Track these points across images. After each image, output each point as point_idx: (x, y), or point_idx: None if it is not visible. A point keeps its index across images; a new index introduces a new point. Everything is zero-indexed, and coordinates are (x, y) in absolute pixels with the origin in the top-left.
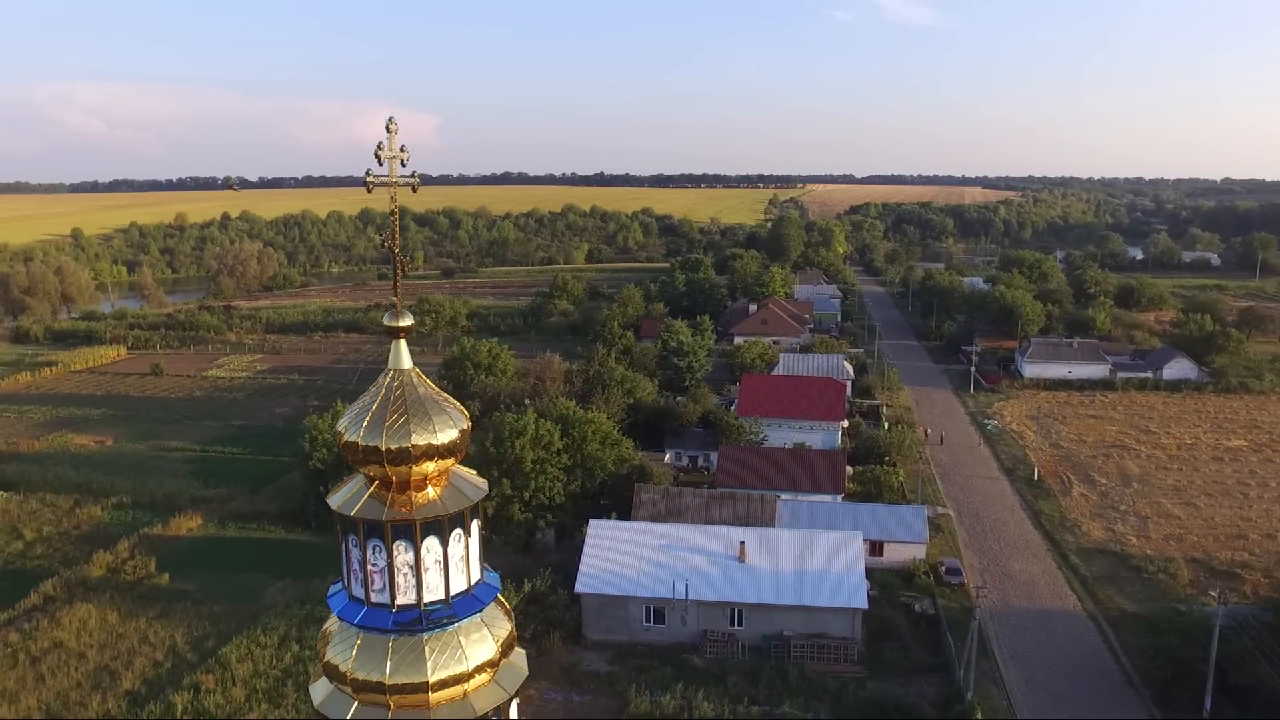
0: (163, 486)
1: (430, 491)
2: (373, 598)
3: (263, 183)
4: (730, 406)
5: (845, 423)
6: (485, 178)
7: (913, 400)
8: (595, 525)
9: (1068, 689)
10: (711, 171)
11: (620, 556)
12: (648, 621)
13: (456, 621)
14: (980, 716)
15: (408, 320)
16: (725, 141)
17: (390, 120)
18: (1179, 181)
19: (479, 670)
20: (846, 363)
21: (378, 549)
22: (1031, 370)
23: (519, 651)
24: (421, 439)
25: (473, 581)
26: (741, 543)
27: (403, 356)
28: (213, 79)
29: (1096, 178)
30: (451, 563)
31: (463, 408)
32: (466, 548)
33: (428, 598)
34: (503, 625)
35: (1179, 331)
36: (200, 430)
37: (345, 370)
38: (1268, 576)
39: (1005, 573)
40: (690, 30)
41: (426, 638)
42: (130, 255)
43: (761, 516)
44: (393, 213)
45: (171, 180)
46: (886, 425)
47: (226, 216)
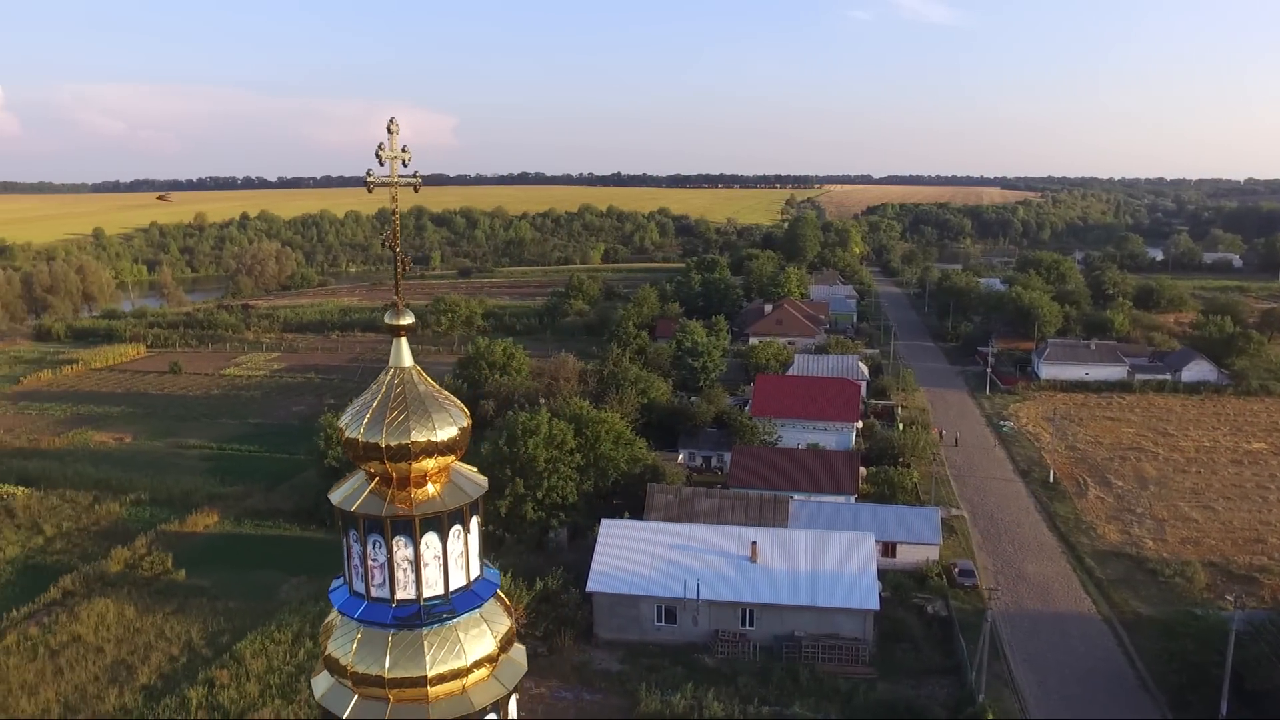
0: (180, 483)
1: (430, 488)
2: (373, 592)
3: (281, 182)
4: (744, 407)
5: (860, 423)
6: (502, 178)
7: (928, 401)
8: (607, 525)
9: (1081, 692)
10: (728, 172)
11: (632, 556)
12: (659, 621)
13: (455, 617)
14: (992, 719)
15: (408, 318)
16: (742, 142)
17: (391, 121)
18: (1201, 182)
19: (477, 665)
20: (861, 363)
21: (378, 544)
22: (1048, 372)
23: (519, 647)
24: (421, 436)
25: (472, 578)
26: (753, 543)
27: (403, 354)
28: (232, 79)
29: (1117, 178)
30: (451, 559)
31: (463, 405)
32: (466, 544)
33: (427, 593)
34: (502, 621)
35: (1199, 333)
36: (217, 428)
37: (362, 369)
38: None
39: (1019, 575)
40: (708, 30)
41: (425, 633)
42: (150, 254)
43: (774, 517)
44: (394, 212)
45: (191, 180)
46: (901, 426)
47: (245, 216)
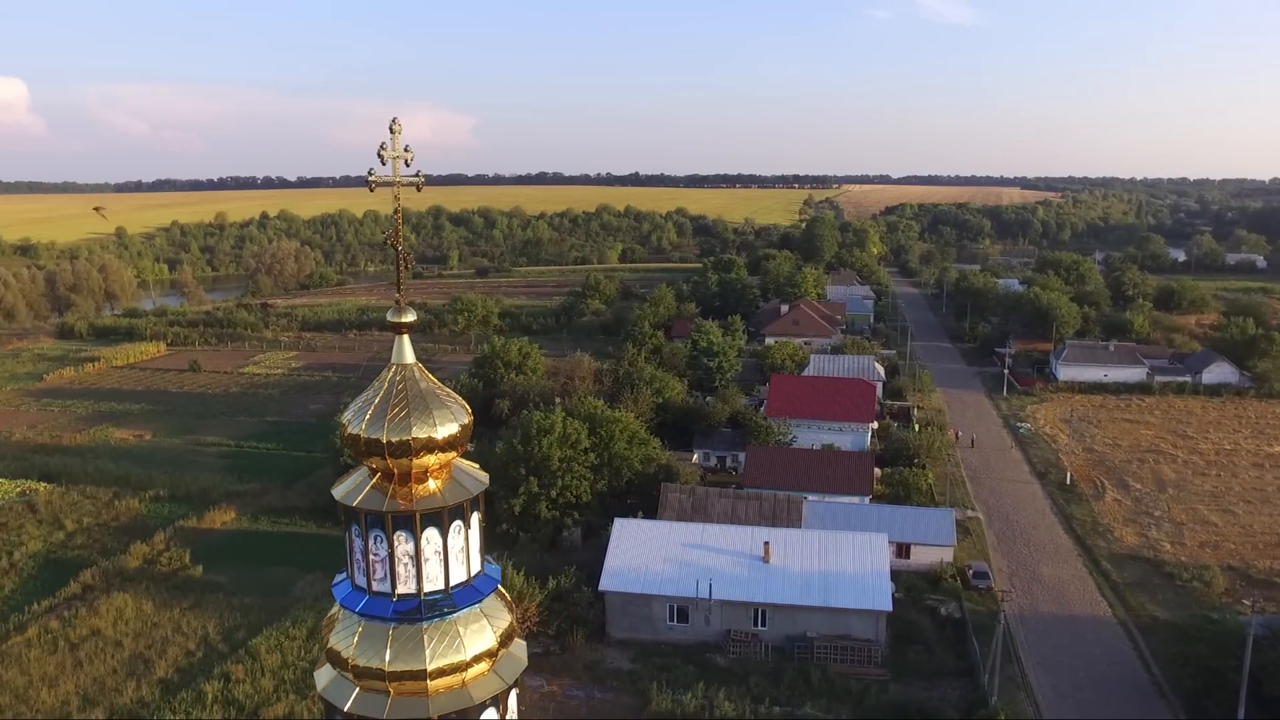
0: (198, 480)
1: (431, 484)
2: (374, 587)
3: (301, 182)
4: (759, 407)
5: (875, 424)
6: (520, 178)
7: (944, 402)
8: (620, 524)
9: (1095, 696)
10: (747, 172)
11: (644, 555)
12: (671, 620)
13: (455, 611)
14: None
15: (410, 316)
16: (760, 142)
17: (394, 121)
18: (1225, 182)
19: (477, 660)
20: (878, 364)
21: (379, 539)
22: (1066, 373)
23: (519, 643)
24: (422, 432)
25: (473, 573)
26: (766, 543)
27: (405, 351)
28: (255, 80)
29: (1139, 178)
30: (451, 554)
31: (464, 402)
32: (466, 539)
33: (428, 588)
34: (503, 617)
35: (1220, 335)
36: (235, 426)
37: (379, 368)
38: None
39: (1034, 577)
40: (727, 30)
41: (425, 626)
42: (172, 254)
43: (787, 517)
44: (396, 211)
45: (213, 180)
46: (917, 427)
47: (265, 216)
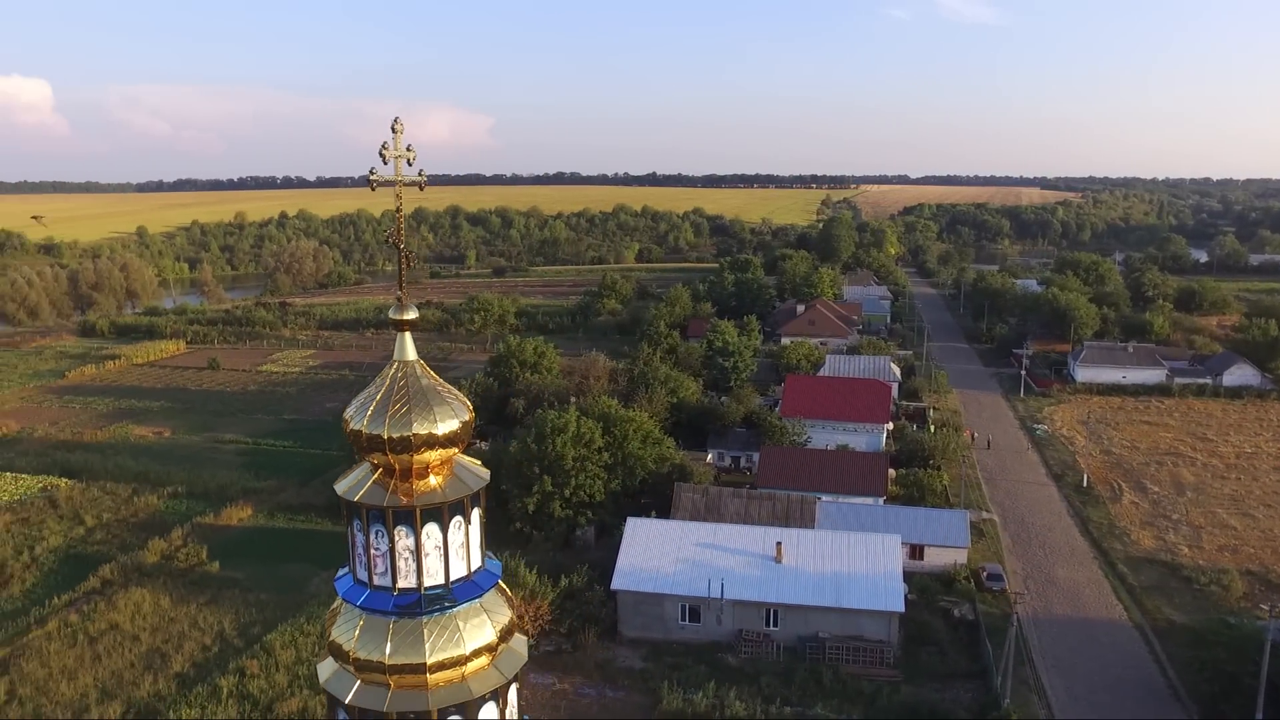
0: (216, 477)
1: (432, 480)
2: (375, 581)
3: (320, 182)
4: (774, 407)
5: (890, 425)
6: (538, 178)
7: (961, 403)
8: (633, 523)
9: (1110, 699)
10: (764, 172)
11: (657, 554)
12: (683, 620)
13: (455, 606)
14: None
15: (411, 313)
16: (778, 142)
17: (396, 120)
18: (1249, 182)
19: (477, 654)
20: (894, 365)
21: (380, 534)
22: (1084, 374)
23: (519, 638)
24: (422, 429)
25: (473, 568)
26: (778, 543)
27: (407, 348)
28: (274, 80)
29: (1161, 178)
30: (451, 549)
31: (465, 399)
32: (467, 535)
33: (428, 582)
34: (503, 612)
35: (1242, 336)
36: (253, 423)
37: None
38: None
39: (1049, 580)
40: (745, 31)
41: (425, 620)
42: (192, 253)
43: (801, 518)
44: (397, 210)
45: (233, 180)
46: (933, 428)
47: (284, 215)
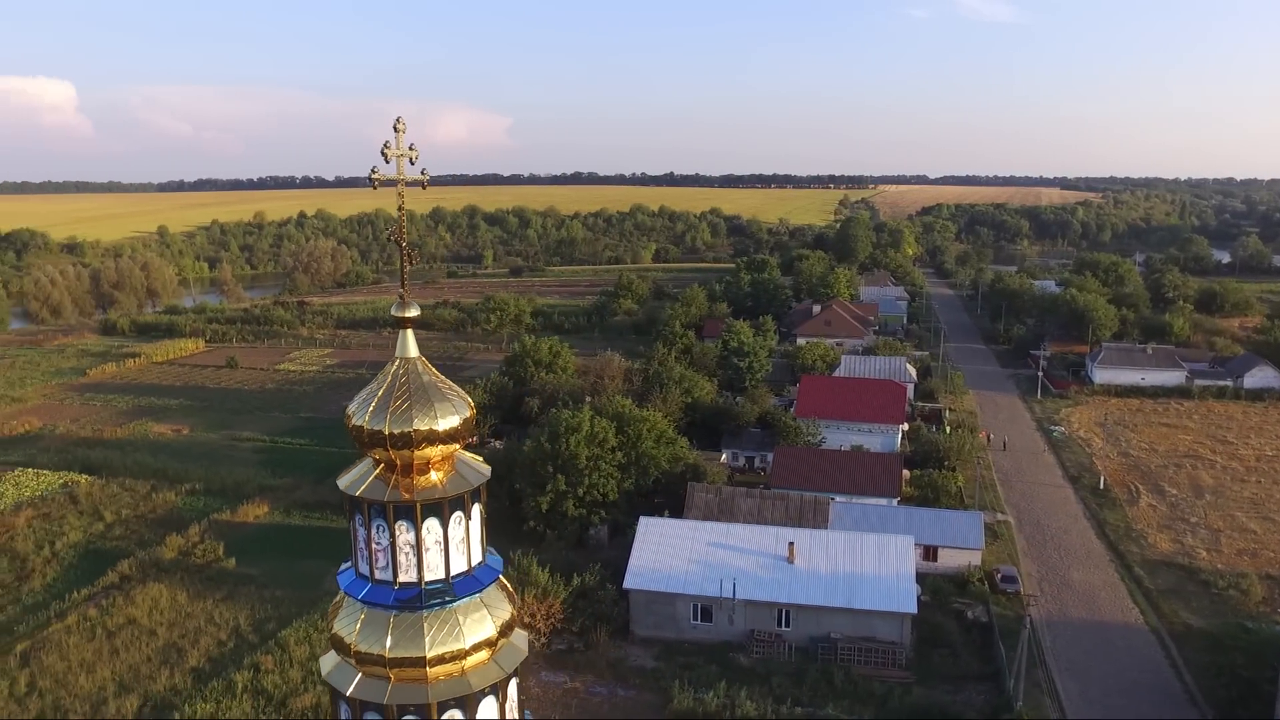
0: (233, 475)
1: (433, 475)
2: (376, 575)
3: (338, 182)
4: (789, 407)
5: (905, 426)
6: (555, 178)
7: (977, 404)
8: (645, 522)
9: (1125, 703)
10: (782, 172)
11: (669, 554)
12: (695, 619)
13: (455, 600)
14: None
15: (413, 311)
16: (796, 142)
17: (398, 120)
18: (1274, 182)
19: (476, 648)
20: (909, 365)
21: (381, 529)
22: (1102, 376)
23: (520, 633)
24: (423, 424)
25: (473, 563)
26: (791, 543)
27: (409, 345)
28: (294, 81)
29: (1183, 178)
30: (452, 544)
31: (466, 396)
32: (467, 530)
33: (428, 577)
34: (503, 607)
35: (1264, 338)
36: (270, 421)
37: None
38: None
39: (1064, 582)
40: (763, 29)
41: (426, 615)
42: (212, 252)
43: (814, 518)
44: (400, 209)
45: (252, 179)
46: (948, 429)
47: (303, 215)
